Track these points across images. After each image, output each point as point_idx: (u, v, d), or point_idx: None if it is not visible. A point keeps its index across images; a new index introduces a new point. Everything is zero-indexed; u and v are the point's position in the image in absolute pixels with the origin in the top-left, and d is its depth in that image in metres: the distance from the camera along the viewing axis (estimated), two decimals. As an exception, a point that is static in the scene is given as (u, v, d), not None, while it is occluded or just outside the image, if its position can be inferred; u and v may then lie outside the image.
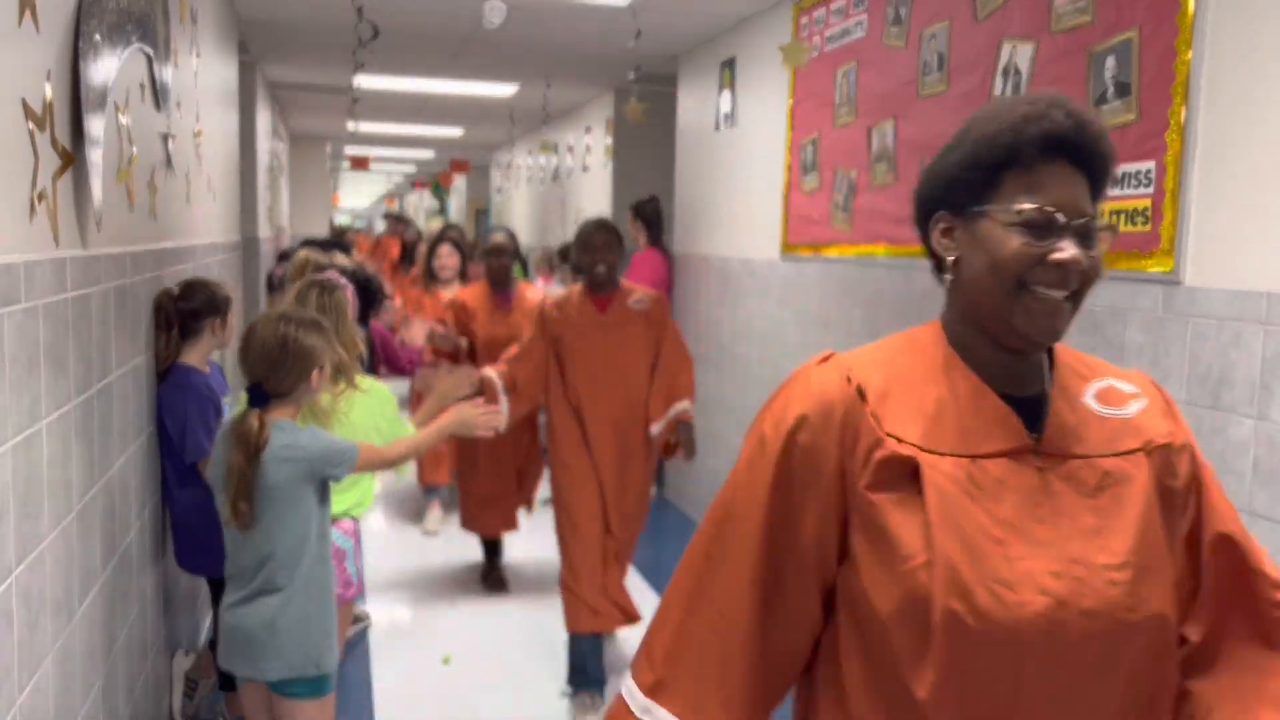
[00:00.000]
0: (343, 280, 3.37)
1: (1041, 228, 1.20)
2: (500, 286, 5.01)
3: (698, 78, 6.43)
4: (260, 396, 2.46)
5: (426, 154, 16.39)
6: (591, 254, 3.75)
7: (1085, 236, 1.21)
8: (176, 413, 3.07)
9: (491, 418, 3.00)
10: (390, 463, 2.72)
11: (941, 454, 1.20)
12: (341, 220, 26.26)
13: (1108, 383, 1.31)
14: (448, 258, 6.00)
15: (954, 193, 1.27)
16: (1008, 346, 1.24)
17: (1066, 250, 1.19)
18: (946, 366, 1.27)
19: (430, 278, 6.07)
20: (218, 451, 2.50)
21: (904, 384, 1.27)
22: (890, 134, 4.11)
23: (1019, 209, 1.20)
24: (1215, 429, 2.56)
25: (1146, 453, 1.24)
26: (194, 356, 3.19)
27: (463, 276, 6.10)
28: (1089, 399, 1.27)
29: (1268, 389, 2.42)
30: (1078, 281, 1.20)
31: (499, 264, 4.98)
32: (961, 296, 1.28)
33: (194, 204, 4.11)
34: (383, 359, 4.52)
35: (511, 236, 5.34)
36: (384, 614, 4.63)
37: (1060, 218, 1.20)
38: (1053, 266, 1.19)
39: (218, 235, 4.94)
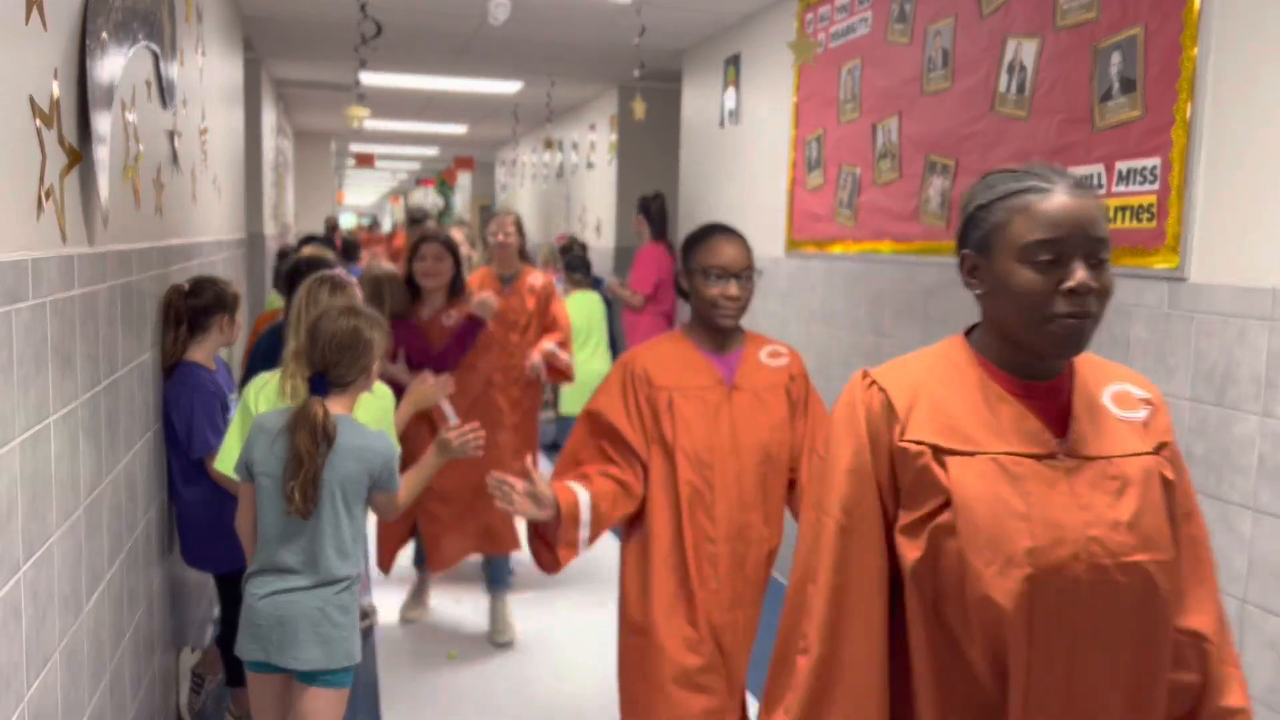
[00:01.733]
0: (352, 278, 3.38)
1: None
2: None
3: (702, 74, 6.43)
4: (321, 387, 2.50)
5: (431, 151, 16.40)
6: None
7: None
8: (183, 409, 3.08)
9: (473, 438, 2.82)
10: (400, 507, 2.69)
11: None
12: (347, 218, 26.21)
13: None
14: (435, 262, 4.26)
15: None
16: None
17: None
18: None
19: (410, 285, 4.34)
20: (266, 441, 2.48)
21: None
22: (894, 130, 4.11)
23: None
24: (1220, 425, 2.56)
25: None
26: (201, 354, 3.20)
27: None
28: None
29: (1273, 385, 2.42)
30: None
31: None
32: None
33: (199, 201, 4.12)
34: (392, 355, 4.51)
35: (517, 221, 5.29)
36: (390, 609, 4.64)
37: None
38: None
39: (223, 232, 4.95)
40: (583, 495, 2.46)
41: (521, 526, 4.57)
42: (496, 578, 4.44)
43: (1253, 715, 1.50)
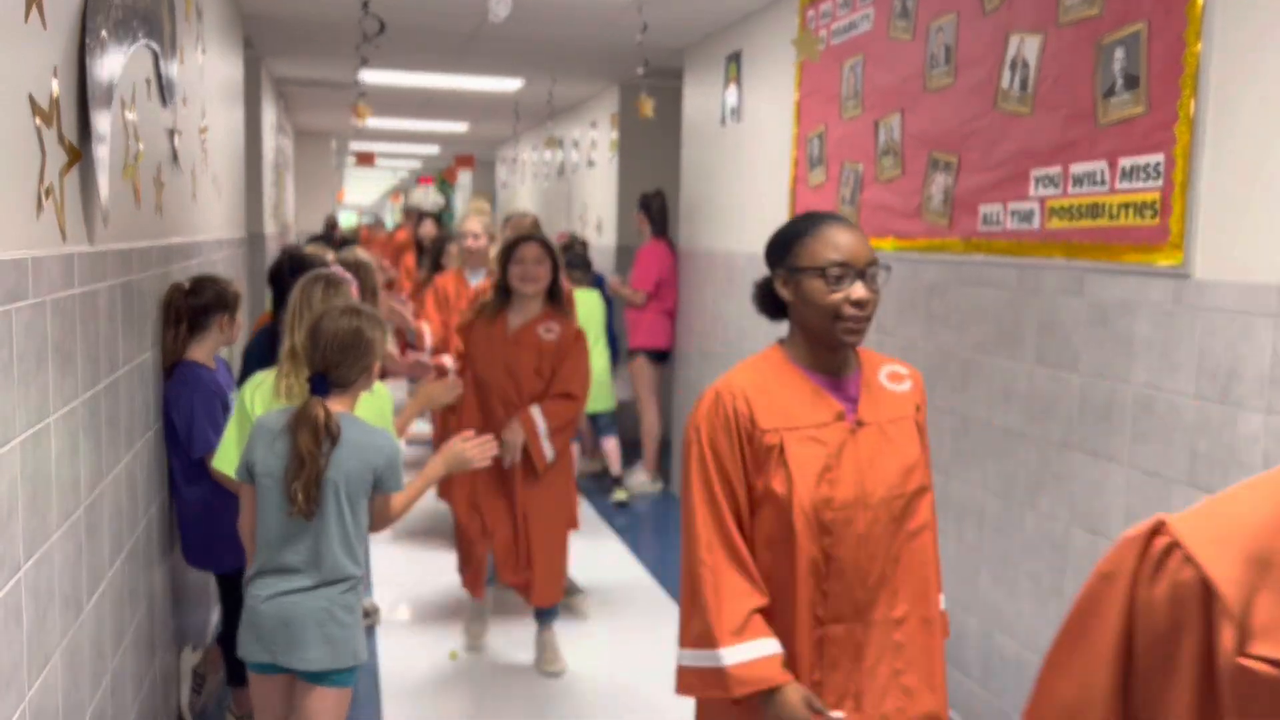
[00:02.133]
0: (348, 275, 3.37)
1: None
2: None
3: (703, 72, 6.42)
4: (322, 387, 2.49)
5: (432, 149, 16.39)
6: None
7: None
8: (183, 409, 3.07)
9: (487, 448, 2.81)
10: (393, 517, 2.66)
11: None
12: (347, 217, 26.20)
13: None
14: (535, 265, 4.05)
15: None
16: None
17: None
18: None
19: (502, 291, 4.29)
20: (267, 442, 2.47)
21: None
22: (897, 127, 4.10)
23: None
24: (1224, 423, 2.55)
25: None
26: (201, 353, 3.19)
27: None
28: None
29: (1278, 382, 2.41)
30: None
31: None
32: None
33: (200, 200, 4.11)
34: None
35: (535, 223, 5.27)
36: (391, 608, 4.63)
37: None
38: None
39: (223, 231, 4.94)
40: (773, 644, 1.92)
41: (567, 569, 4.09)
42: (545, 612, 4.08)
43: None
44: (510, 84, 8.76)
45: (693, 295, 6.50)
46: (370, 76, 7.72)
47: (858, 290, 1.91)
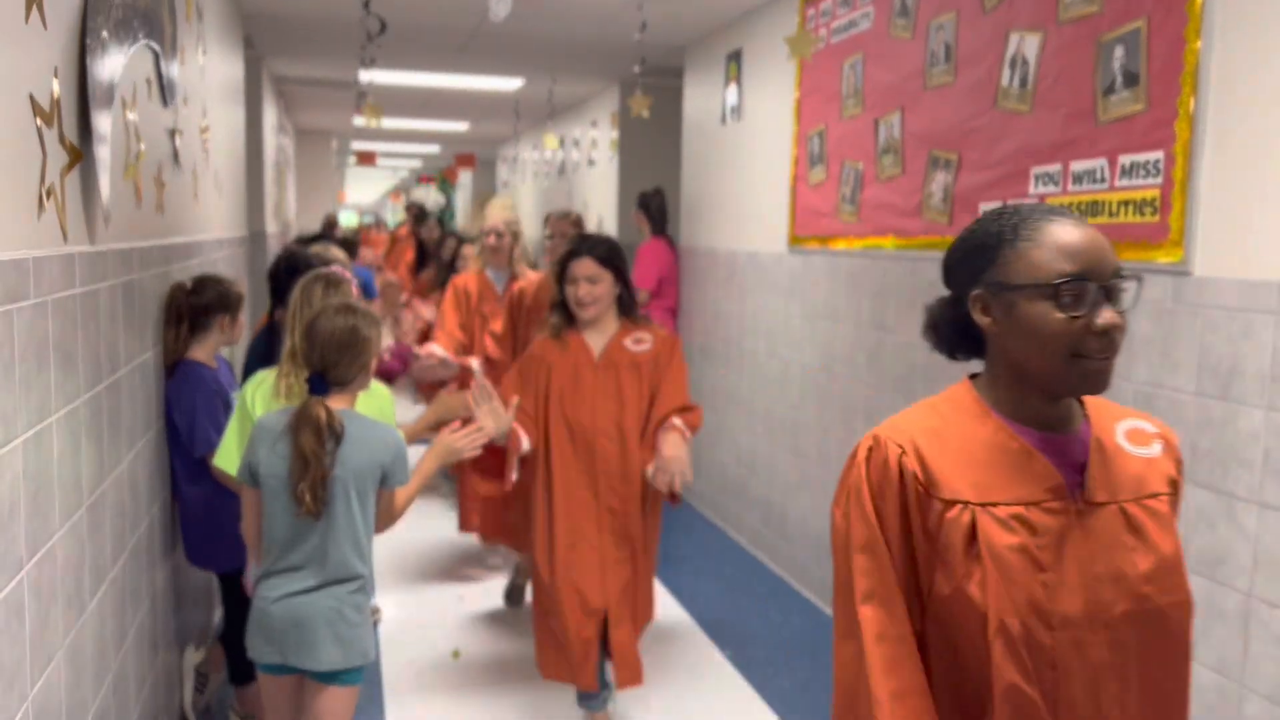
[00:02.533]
0: (348, 275, 3.37)
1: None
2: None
3: (704, 70, 6.42)
4: (320, 386, 2.49)
5: (432, 149, 16.40)
6: None
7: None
8: (185, 408, 3.08)
9: (476, 436, 2.82)
10: (397, 514, 2.68)
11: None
12: (348, 216, 26.19)
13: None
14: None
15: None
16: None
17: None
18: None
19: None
20: (269, 443, 2.47)
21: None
22: (897, 126, 4.10)
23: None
24: (1226, 420, 2.55)
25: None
26: (202, 352, 3.19)
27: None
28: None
29: (1278, 380, 2.41)
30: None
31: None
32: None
33: (201, 199, 4.12)
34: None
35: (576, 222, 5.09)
36: (394, 608, 4.64)
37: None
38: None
39: (224, 230, 4.95)
40: None
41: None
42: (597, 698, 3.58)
43: None
44: (511, 83, 8.76)
45: (693, 294, 6.50)
46: (371, 76, 7.72)
47: (1105, 315, 1.33)
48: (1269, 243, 2.45)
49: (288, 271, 3.58)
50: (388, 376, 4.56)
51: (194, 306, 3.17)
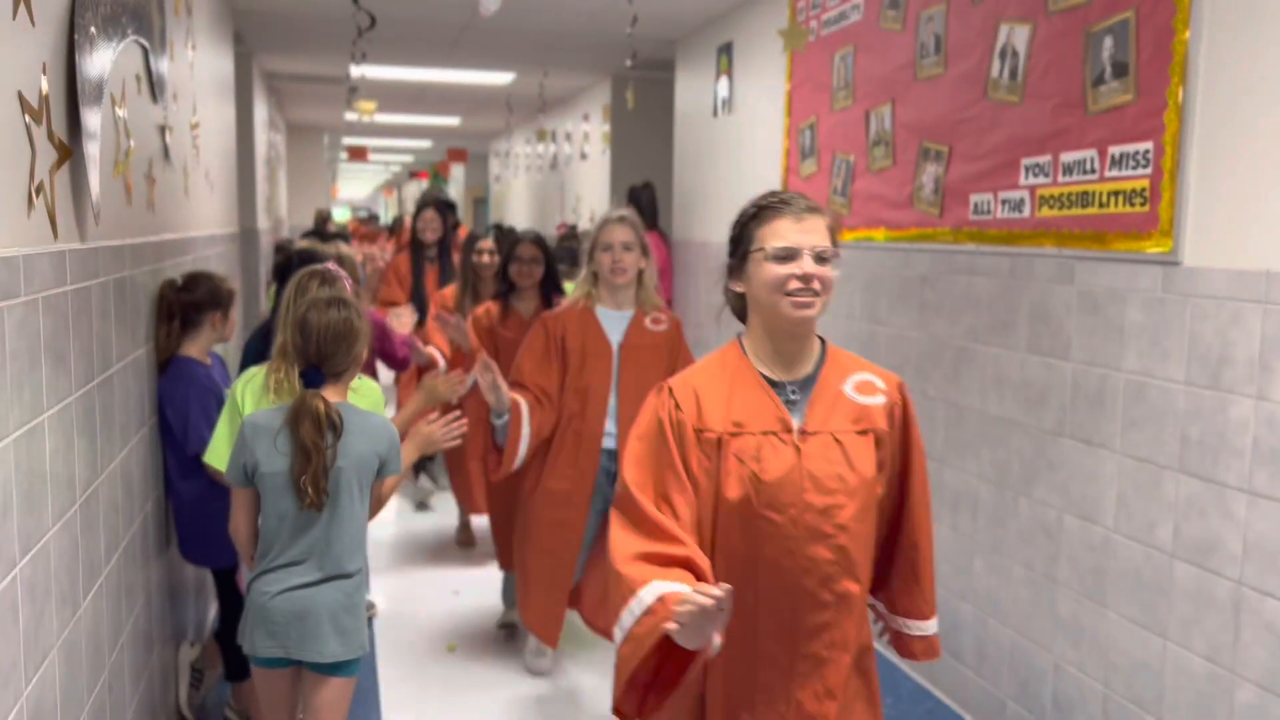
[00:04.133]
0: (342, 271, 3.37)
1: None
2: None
3: (695, 63, 6.42)
4: (316, 379, 2.51)
5: (424, 143, 16.37)
6: None
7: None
8: (178, 405, 3.08)
9: (454, 426, 2.83)
10: (384, 503, 2.69)
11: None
12: (341, 212, 26.13)
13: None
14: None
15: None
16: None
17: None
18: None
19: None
20: (267, 440, 2.47)
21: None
22: (888, 117, 4.11)
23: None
24: (1215, 409, 2.56)
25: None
26: (194, 349, 3.19)
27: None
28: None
29: (1268, 368, 2.42)
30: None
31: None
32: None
33: (192, 196, 4.11)
34: (378, 351, 4.42)
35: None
36: (389, 603, 4.64)
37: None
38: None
39: (216, 227, 4.94)
40: None
41: None
42: None
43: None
44: (502, 77, 8.75)
45: (686, 286, 6.50)
46: (362, 71, 7.71)
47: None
48: (1258, 232, 2.46)
49: (301, 265, 3.57)
50: (400, 364, 4.55)
51: (185, 303, 3.17)
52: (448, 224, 5.83)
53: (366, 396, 2.88)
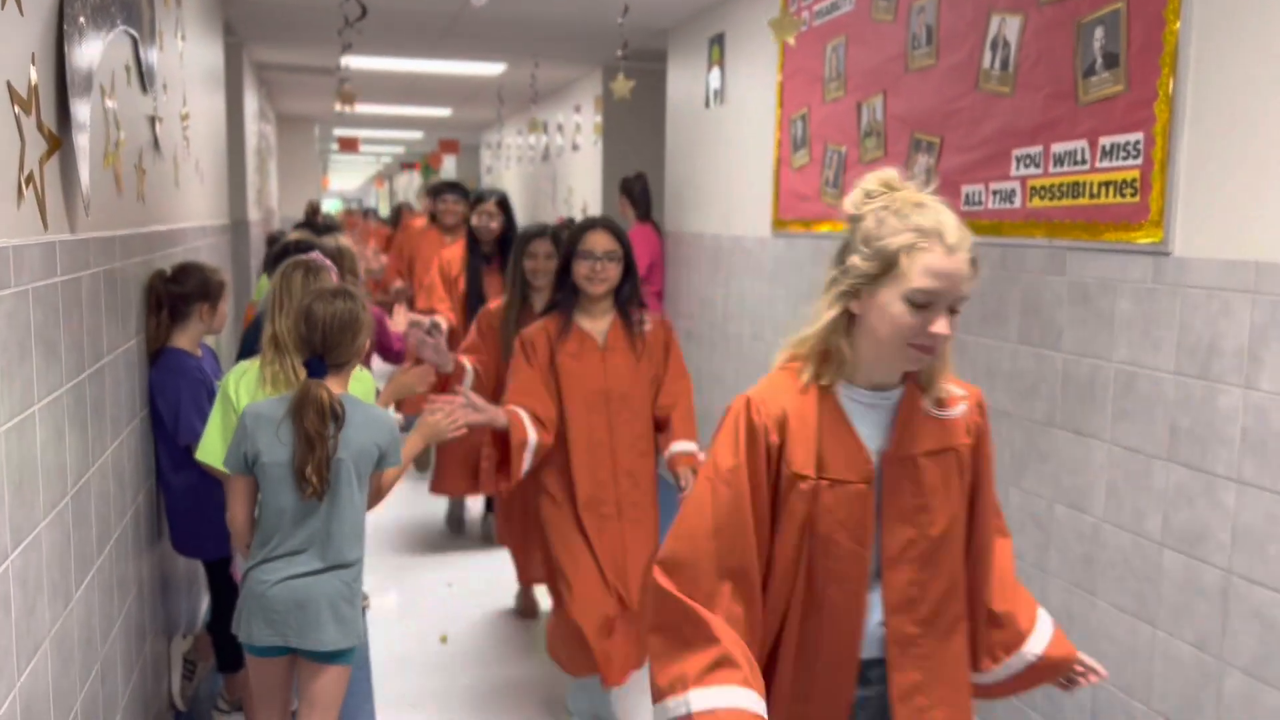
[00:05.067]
0: (328, 262, 3.37)
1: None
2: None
3: (687, 54, 6.41)
4: (319, 369, 2.52)
5: (415, 135, 16.32)
6: None
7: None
8: (169, 396, 3.07)
9: (457, 414, 2.84)
10: (384, 494, 2.71)
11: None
12: (333, 204, 26.05)
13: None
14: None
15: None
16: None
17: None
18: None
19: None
20: (269, 430, 2.47)
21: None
22: (880, 108, 4.11)
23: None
24: (1205, 398, 2.58)
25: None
26: (184, 340, 3.18)
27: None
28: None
29: (1256, 358, 2.44)
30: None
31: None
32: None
33: (182, 187, 4.10)
34: (375, 344, 4.41)
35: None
36: (382, 595, 4.65)
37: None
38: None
39: (206, 218, 4.93)
40: None
41: None
42: None
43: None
44: (493, 68, 8.73)
45: (679, 278, 6.50)
46: (352, 62, 7.68)
47: None
48: (1247, 222, 2.47)
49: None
50: (396, 357, 4.54)
51: (173, 294, 3.16)
52: (512, 221, 5.05)
53: (359, 384, 2.89)
